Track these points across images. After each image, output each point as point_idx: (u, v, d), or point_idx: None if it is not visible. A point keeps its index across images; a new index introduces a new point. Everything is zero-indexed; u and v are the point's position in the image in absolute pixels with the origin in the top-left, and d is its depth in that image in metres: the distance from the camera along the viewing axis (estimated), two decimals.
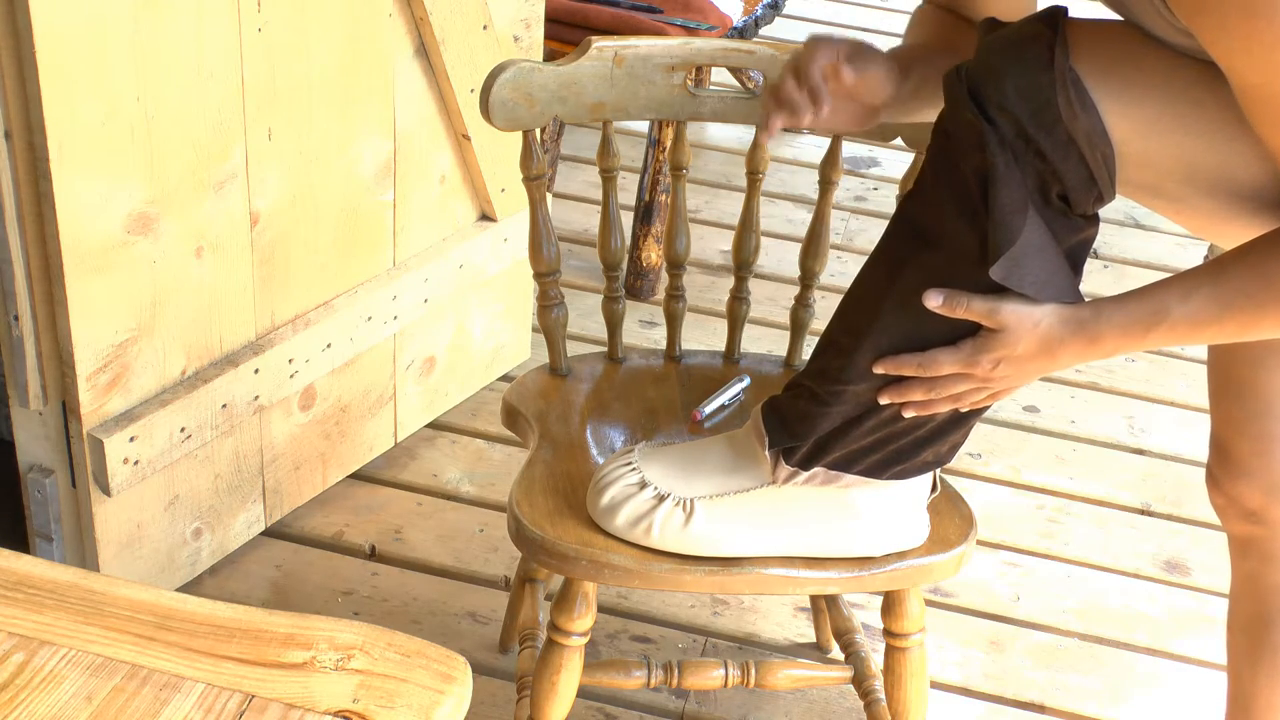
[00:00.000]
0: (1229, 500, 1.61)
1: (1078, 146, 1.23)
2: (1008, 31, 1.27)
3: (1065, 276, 1.31)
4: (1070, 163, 1.24)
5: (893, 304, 1.37)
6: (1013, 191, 1.25)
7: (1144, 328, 1.29)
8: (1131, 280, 3.10)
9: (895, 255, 1.38)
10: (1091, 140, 1.23)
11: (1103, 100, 1.23)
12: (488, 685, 2.01)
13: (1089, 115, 1.22)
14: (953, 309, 1.32)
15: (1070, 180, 1.25)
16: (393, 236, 2.25)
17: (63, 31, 1.66)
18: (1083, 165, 1.24)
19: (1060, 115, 1.22)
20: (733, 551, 1.52)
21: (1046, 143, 1.23)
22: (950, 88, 1.28)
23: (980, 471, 2.54)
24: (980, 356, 1.34)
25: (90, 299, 1.81)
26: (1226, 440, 1.60)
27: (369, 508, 2.32)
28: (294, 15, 1.93)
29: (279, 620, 1.07)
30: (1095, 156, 1.24)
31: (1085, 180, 1.25)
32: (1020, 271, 1.28)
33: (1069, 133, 1.23)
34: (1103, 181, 1.25)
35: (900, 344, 1.38)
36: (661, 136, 2.77)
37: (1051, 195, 1.26)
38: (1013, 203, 1.25)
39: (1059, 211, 1.27)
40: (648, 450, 1.57)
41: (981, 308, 1.31)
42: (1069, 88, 1.22)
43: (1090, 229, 1.31)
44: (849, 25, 4.31)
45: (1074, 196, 1.26)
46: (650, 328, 2.82)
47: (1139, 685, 2.13)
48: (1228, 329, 1.27)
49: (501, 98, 1.67)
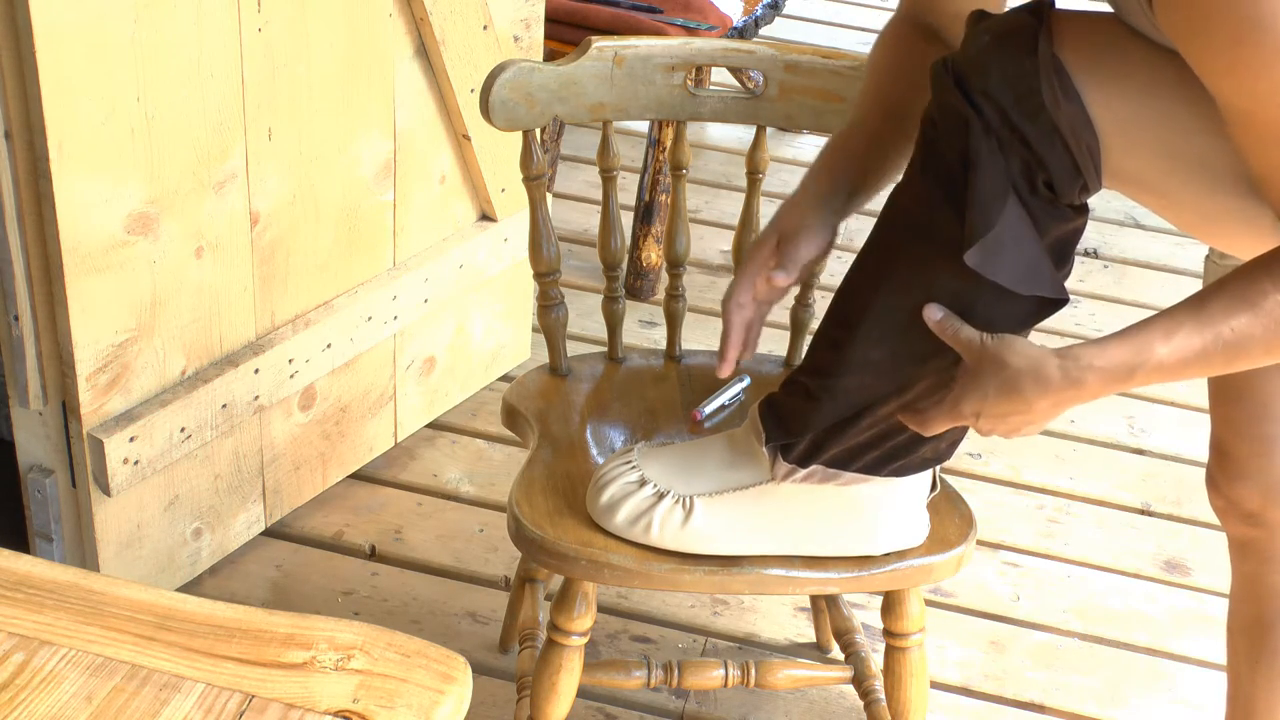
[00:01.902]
0: (1229, 502, 1.61)
1: (1061, 135, 1.23)
2: (994, 21, 1.28)
3: (1045, 271, 1.30)
4: (1054, 151, 1.24)
5: (884, 295, 1.37)
6: (994, 178, 1.25)
7: (1128, 370, 1.26)
8: (1131, 280, 3.10)
9: (885, 246, 1.38)
10: (1075, 129, 1.23)
11: (1087, 89, 1.23)
12: (488, 685, 2.01)
13: (1073, 104, 1.23)
14: (943, 329, 1.33)
15: (1055, 169, 1.25)
16: (393, 236, 2.25)
17: (63, 31, 1.66)
18: (1067, 154, 1.24)
19: (1044, 103, 1.23)
20: (732, 550, 1.52)
21: (1031, 131, 1.24)
22: (937, 76, 1.29)
23: (980, 471, 2.54)
24: (960, 407, 1.33)
25: (90, 299, 1.81)
26: (1226, 442, 1.60)
27: (369, 508, 2.32)
28: (294, 15, 1.93)
29: (279, 620, 1.07)
30: (1079, 145, 1.24)
31: (1070, 169, 1.25)
32: (996, 260, 1.27)
33: (1053, 121, 1.23)
34: (1087, 171, 1.25)
35: (890, 335, 1.38)
36: (661, 136, 2.77)
37: (1037, 184, 1.26)
38: (993, 189, 1.25)
39: (1044, 200, 1.27)
40: (647, 449, 1.57)
41: (964, 337, 1.32)
42: (1053, 76, 1.22)
43: (1077, 219, 1.31)
44: (849, 25, 4.31)
45: (1059, 185, 1.26)
46: (650, 328, 2.82)
47: (1139, 685, 2.13)
48: (1214, 363, 1.25)
49: (501, 98, 1.67)
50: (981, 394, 1.31)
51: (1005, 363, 1.29)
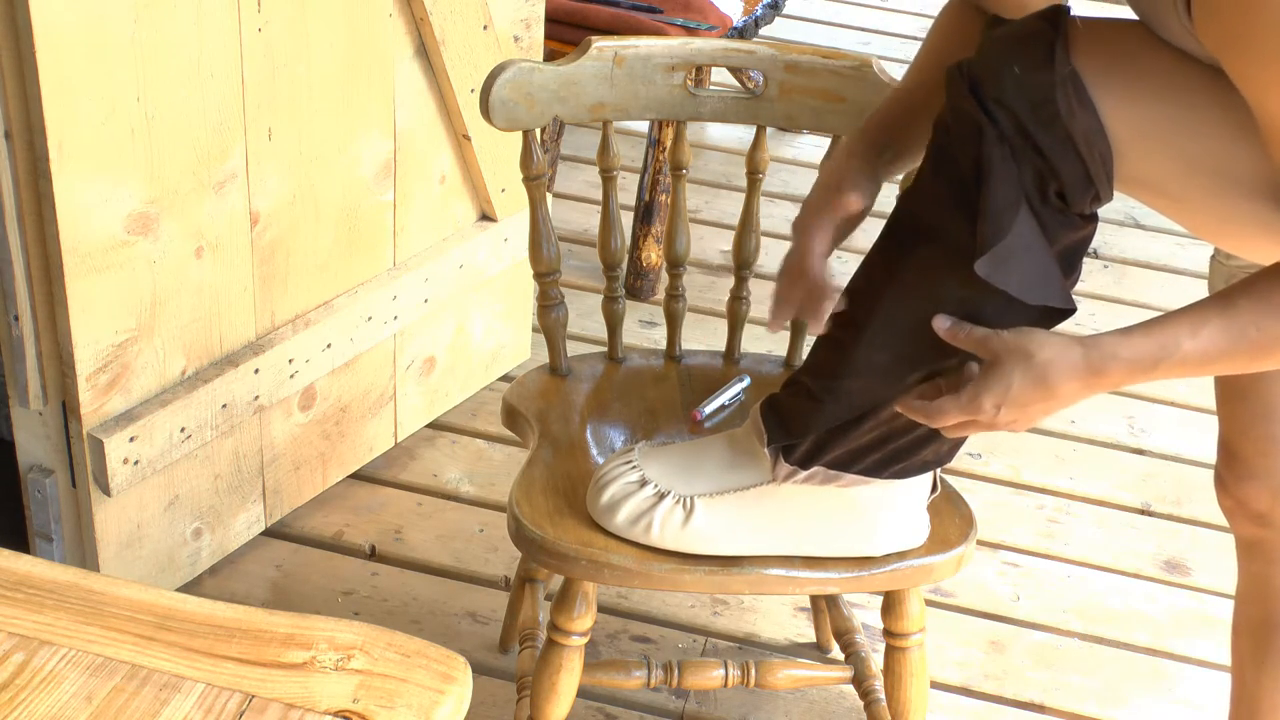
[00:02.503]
0: (1237, 503, 1.61)
1: (1075, 145, 1.23)
2: (1010, 28, 1.27)
3: (1055, 280, 1.30)
4: (1068, 161, 1.24)
5: (890, 298, 1.37)
6: (1006, 187, 1.25)
7: (1152, 362, 1.26)
8: (1131, 280, 3.10)
9: (894, 249, 1.38)
10: (1089, 139, 1.23)
11: (1102, 99, 1.23)
12: (488, 685, 2.01)
13: (1087, 114, 1.22)
14: (954, 336, 1.32)
15: (1067, 178, 1.25)
16: (393, 236, 2.25)
17: (63, 31, 1.66)
18: (1080, 164, 1.24)
19: (1059, 113, 1.22)
20: (732, 550, 1.52)
21: (1044, 140, 1.23)
22: (952, 82, 1.28)
23: (980, 471, 2.54)
24: (980, 400, 1.31)
25: (90, 299, 1.81)
26: (1233, 443, 1.60)
27: (369, 508, 2.32)
28: (294, 15, 1.93)
29: (279, 620, 1.07)
30: (1093, 155, 1.24)
31: (1082, 179, 1.25)
32: (1006, 269, 1.27)
33: (1067, 130, 1.22)
34: (1100, 181, 1.25)
35: (898, 339, 1.37)
36: (661, 136, 2.77)
37: (1049, 193, 1.26)
38: (1005, 198, 1.25)
39: (1055, 209, 1.27)
40: (648, 450, 1.57)
41: (978, 335, 1.31)
42: (1068, 86, 1.22)
43: (1087, 228, 1.31)
44: (849, 25, 4.31)
45: (1071, 195, 1.26)
46: (650, 328, 2.82)
47: (1139, 685, 2.13)
48: (1238, 361, 1.26)
49: (501, 98, 1.67)
50: (1005, 385, 1.30)
51: (1030, 353, 1.29)
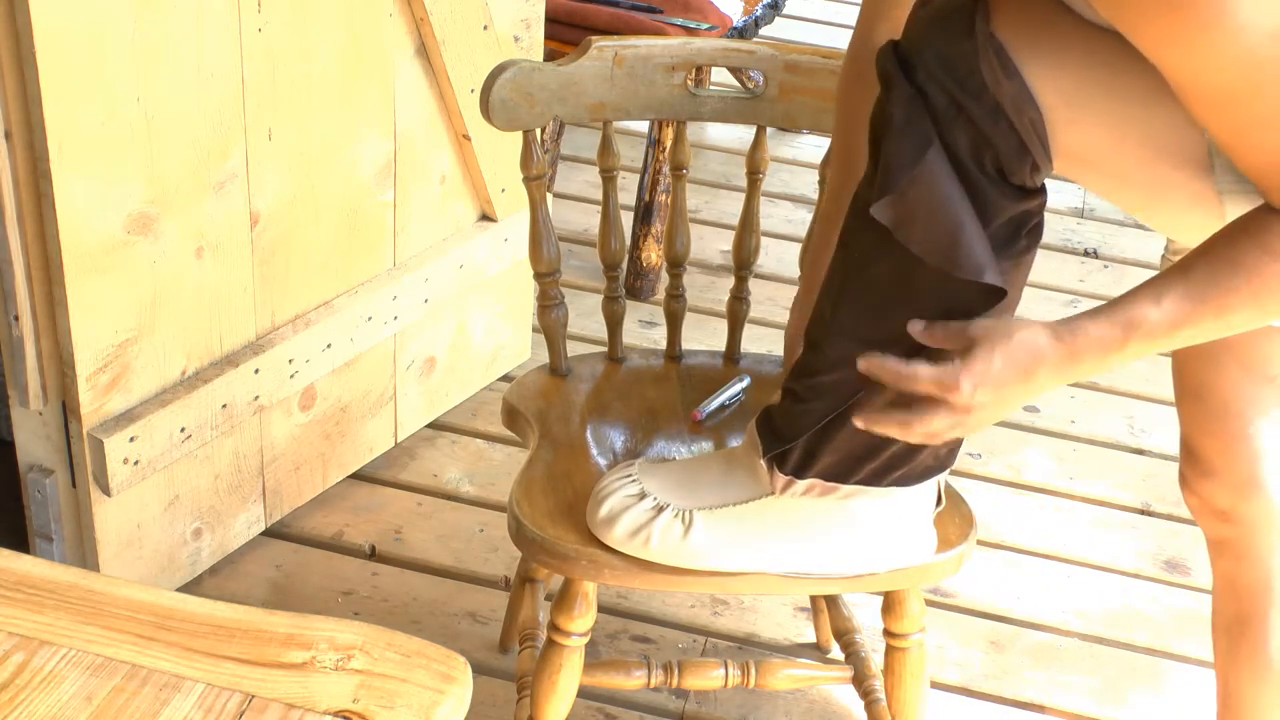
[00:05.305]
0: (1201, 501, 1.62)
1: (1005, 113, 1.24)
2: (932, 7, 1.29)
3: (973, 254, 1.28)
4: (1000, 130, 1.25)
5: (851, 289, 1.37)
6: (904, 142, 1.26)
7: (1122, 336, 1.27)
8: (1132, 280, 3.09)
9: (847, 239, 1.38)
10: (1018, 105, 1.24)
11: (1027, 66, 1.24)
12: (488, 685, 2.01)
13: (1013, 81, 1.24)
14: (932, 336, 1.32)
15: (1002, 147, 1.26)
16: (393, 236, 2.25)
17: (63, 31, 1.66)
18: (1013, 132, 1.25)
19: (985, 82, 1.23)
20: (733, 566, 1.51)
21: (976, 110, 1.24)
22: (883, 61, 1.29)
23: (980, 471, 2.54)
24: (960, 378, 1.29)
25: (90, 299, 1.81)
26: (1193, 441, 1.61)
27: (369, 508, 2.32)
28: (294, 15, 1.93)
29: (279, 620, 1.07)
30: (1023, 122, 1.25)
31: (1017, 147, 1.26)
32: (908, 227, 1.27)
33: (995, 99, 1.24)
34: (1035, 148, 1.26)
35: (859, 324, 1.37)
36: (661, 136, 2.77)
37: (985, 163, 1.27)
38: (901, 154, 1.26)
39: (992, 180, 1.27)
40: (648, 464, 1.57)
41: (955, 328, 1.31)
42: (991, 55, 1.23)
43: (1029, 202, 1.30)
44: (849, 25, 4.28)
45: (1008, 165, 1.27)
46: (650, 328, 2.82)
47: (1139, 685, 2.13)
48: (1204, 325, 1.27)
49: (501, 98, 1.67)
50: (987, 365, 1.28)
51: (1008, 332, 1.29)
